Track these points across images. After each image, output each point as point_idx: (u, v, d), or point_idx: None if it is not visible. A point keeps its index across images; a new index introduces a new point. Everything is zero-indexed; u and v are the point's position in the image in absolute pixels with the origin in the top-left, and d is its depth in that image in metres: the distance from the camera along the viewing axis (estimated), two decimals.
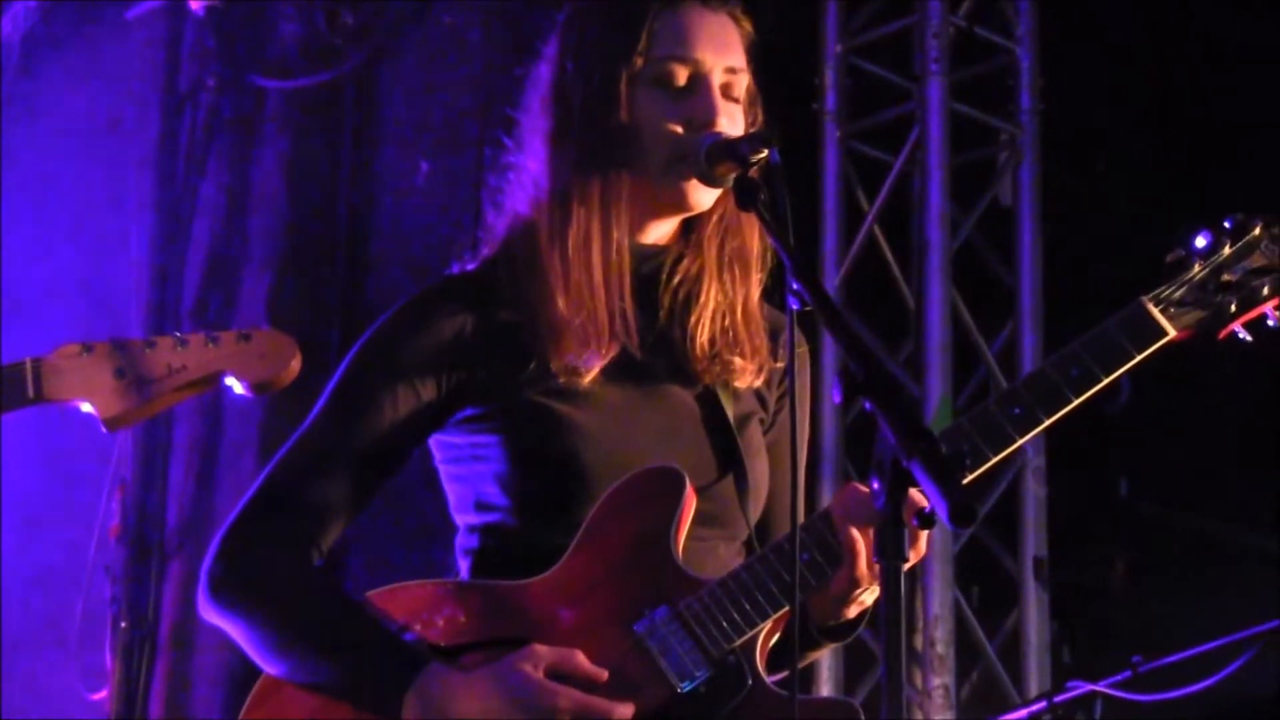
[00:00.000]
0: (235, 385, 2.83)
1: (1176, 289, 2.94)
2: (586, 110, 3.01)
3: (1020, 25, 6.74)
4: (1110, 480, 6.96)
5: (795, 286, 2.55)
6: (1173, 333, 2.92)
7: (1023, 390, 2.92)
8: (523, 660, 2.80)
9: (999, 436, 2.89)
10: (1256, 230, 2.96)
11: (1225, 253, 2.96)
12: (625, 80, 2.98)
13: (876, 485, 2.25)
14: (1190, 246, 2.97)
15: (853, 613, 2.96)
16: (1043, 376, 2.92)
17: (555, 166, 3.02)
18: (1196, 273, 2.95)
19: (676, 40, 3.00)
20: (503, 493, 3.00)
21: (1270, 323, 2.98)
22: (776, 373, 3.15)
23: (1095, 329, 2.93)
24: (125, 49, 7.10)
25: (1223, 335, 2.98)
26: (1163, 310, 2.92)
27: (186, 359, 2.80)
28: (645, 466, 2.93)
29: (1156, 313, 2.92)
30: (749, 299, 3.10)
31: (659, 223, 3.07)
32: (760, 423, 3.13)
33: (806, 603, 2.95)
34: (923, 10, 6.59)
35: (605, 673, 2.83)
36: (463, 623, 2.90)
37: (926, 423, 2.22)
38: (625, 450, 2.96)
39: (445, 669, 2.82)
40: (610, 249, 2.99)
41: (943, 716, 6.19)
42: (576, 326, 2.95)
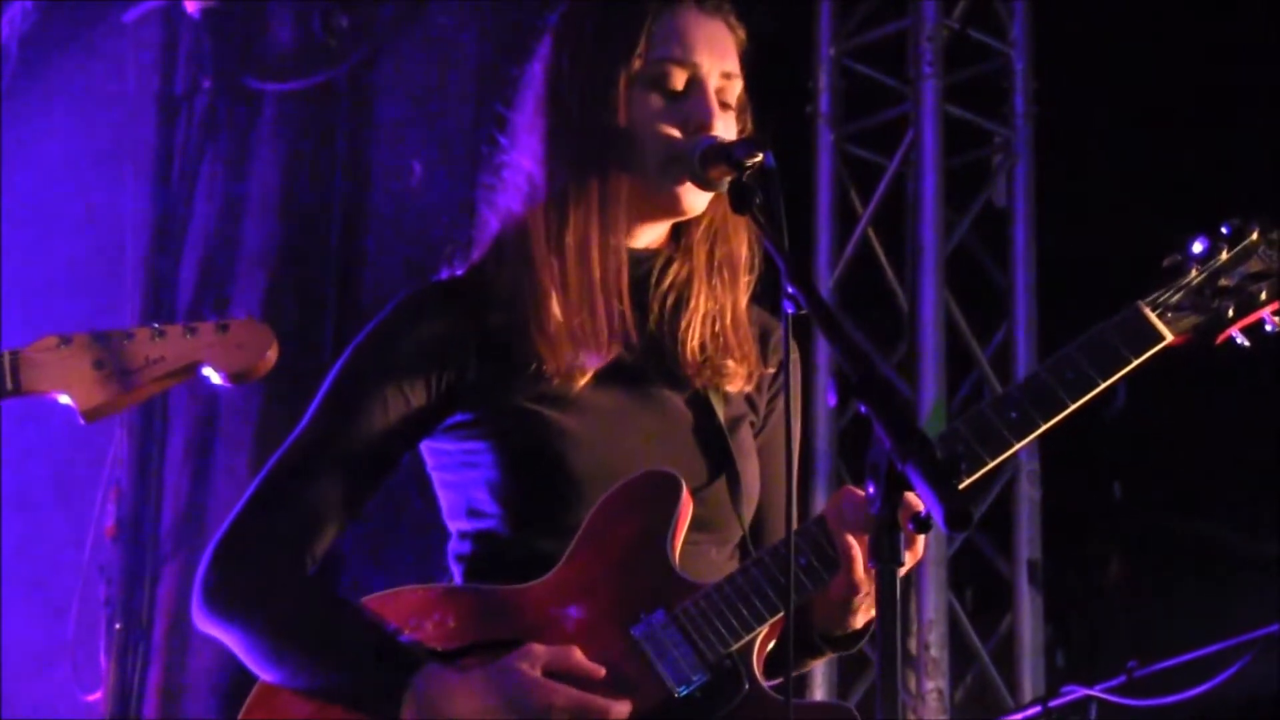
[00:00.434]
0: (213, 375, 2.82)
1: (1173, 294, 2.93)
2: (584, 110, 3.00)
3: (1014, 28, 6.73)
4: (1105, 484, 6.96)
5: (790, 290, 2.54)
6: (1170, 337, 2.91)
7: (1019, 394, 2.91)
8: (519, 659, 2.80)
9: (995, 441, 2.88)
10: (1254, 235, 2.96)
11: (1222, 258, 2.95)
12: (623, 81, 2.98)
13: (872, 489, 2.24)
14: (1187, 251, 2.96)
15: (859, 622, 2.95)
16: (1039, 381, 2.90)
17: (551, 166, 3.02)
18: (1193, 277, 2.94)
19: (674, 43, 3.00)
20: (494, 499, 2.99)
21: (1268, 328, 2.97)
22: (766, 376, 3.15)
23: (1091, 333, 2.92)
24: (121, 51, 7.10)
25: (1220, 340, 2.97)
26: (1160, 315, 2.91)
27: (165, 350, 2.80)
28: (642, 470, 2.93)
29: (1154, 317, 2.91)
30: (737, 304, 3.09)
31: (650, 226, 3.06)
32: (751, 425, 3.13)
33: (809, 609, 2.95)
34: (917, 13, 6.59)
35: (602, 670, 2.83)
36: (459, 626, 2.90)
37: (920, 426, 2.22)
38: (616, 456, 2.96)
39: (441, 670, 2.81)
40: (608, 251, 2.98)
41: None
42: (575, 328, 2.95)
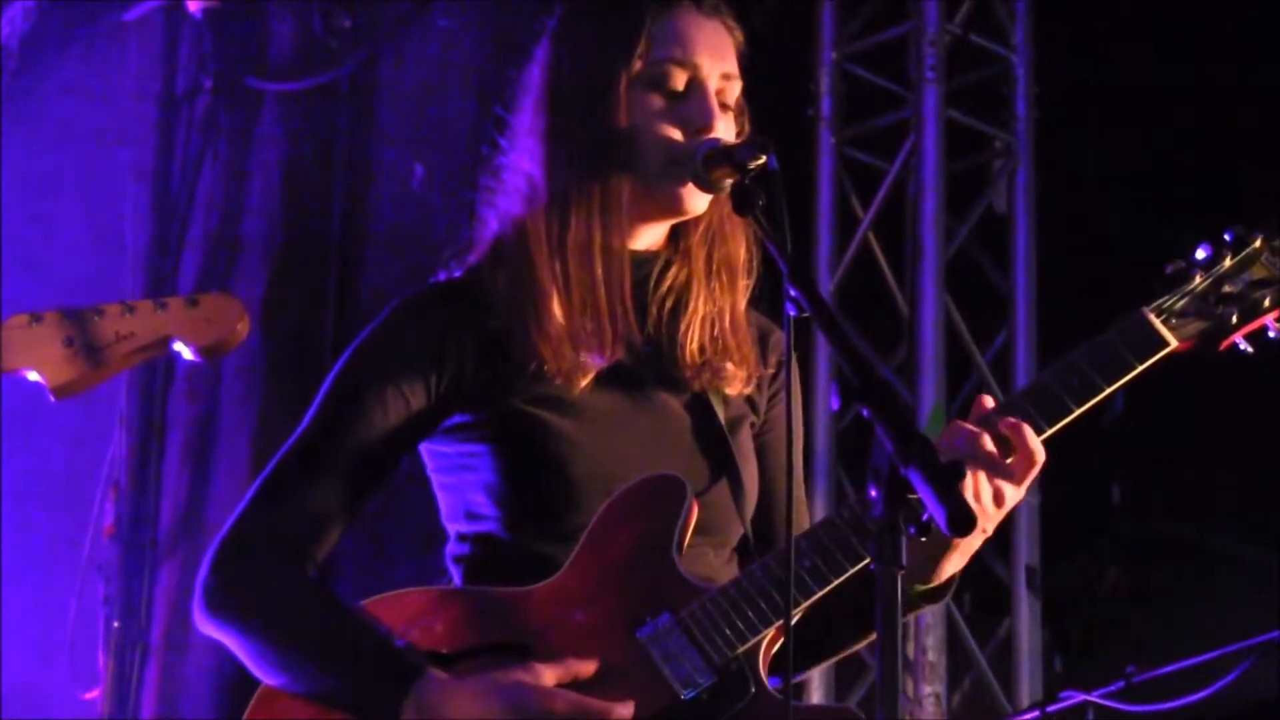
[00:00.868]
0: (184, 350, 2.81)
1: (1178, 300, 2.93)
2: (584, 112, 3.00)
3: (1016, 33, 6.75)
4: (1103, 489, 6.96)
5: (793, 293, 2.54)
6: (1174, 343, 2.90)
7: (1022, 400, 2.91)
8: (522, 672, 2.80)
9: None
10: (1257, 243, 2.95)
11: (1226, 264, 2.94)
12: (624, 82, 2.98)
13: (873, 493, 2.25)
14: (1191, 258, 2.96)
15: (946, 572, 2.92)
16: (1043, 386, 2.90)
17: (551, 168, 3.01)
18: (1198, 284, 2.94)
19: (674, 44, 2.99)
20: (492, 502, 2.98)
21: (1271, 334, 2.97)
22: (765, 378, 3.15)
23: (1096, 339, 2.91)
24: (123, 51, 7.10)
25: (1224, 347, 2.97)
26: (1164, 321, 2.91)
27: (135, 325, 2.79)
28: (648, 475, 2.92)
29: (1158, 323, 2.90)
30: (736, 306, 3.09)
31: (650, 228, 3.05)
32: (751, 427, 3.12)
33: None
34: (918, 17, 6.60)
35: (607, 679, 2.82)
36: (461, 630, 2.89)
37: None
38: (614, 459, 2.95)
39: (442, 676, 2.80)
40: (609, 253, 2.98)
41: None
42: (576, 330, 2.94)
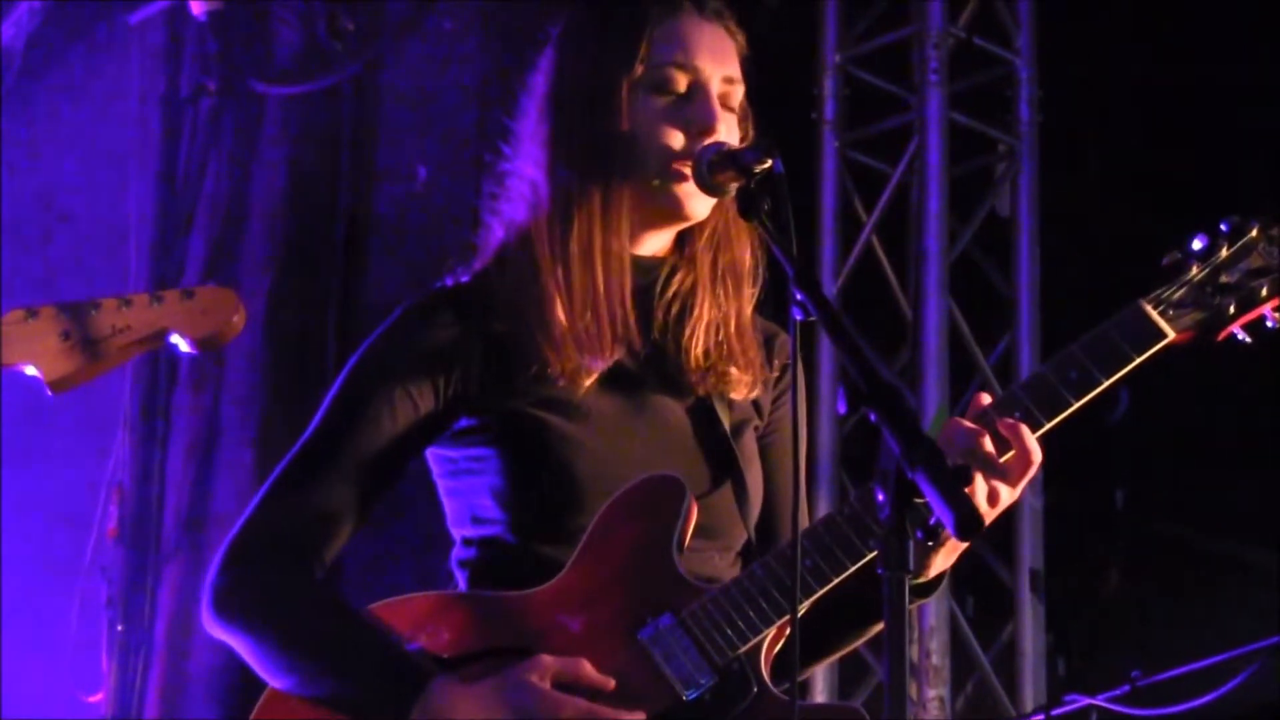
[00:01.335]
0: (180, 343, 2.80)
1: (1175, 291, 2.92)
2: (586, 116, 3.01)
3: (1019, 36, 6.75)
4: (1107, 492, 6.96)
5: (799, 297, 2.55)
6: (1172, 335, 2.89)
7: (1021, 394, 2.90)
8: (528, 671, 2.80)
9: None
10: (1254, 232, 2.94)
11: (1223, 254, 2.93)
12: (626, 86, 2.99)
13: (881, 496, 2.25)
14: (1187, 248, 2.95)
15: (936, 568, 2.92)
16: (1041, 380, 2.90)
17: (554, 173, 3.02)
18: (1194, 274, 2.93)
19: (676, 47, 3.01)
20: (497, 506, 2.99)
21: (1269, 324, 2.96)
22: (770, 381, 3.15)
23: (1094, 331, 2.91)
24: (127, 53, 7.10)
25: (1221, 337, 2.96)
26: (1161, 312, 2.90)
27: (131, 318, 2.78)
28: (646, 475, 2.93)
29: (1155, 315, 2.89)
30: (741, 312, 3.10)
31: (654, 234, 3.06)
32: (755, 430, 3.13)
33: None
34: (922, 21, 6.60)
35: (611, 681, 2.83)
36: (466, 634, 2.89)
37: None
38: (619, 462, 2.96)
39: (450, 681, 2.81)
40: (611, 257, 2.98)
41: None
42: (579, 332, 2.95)
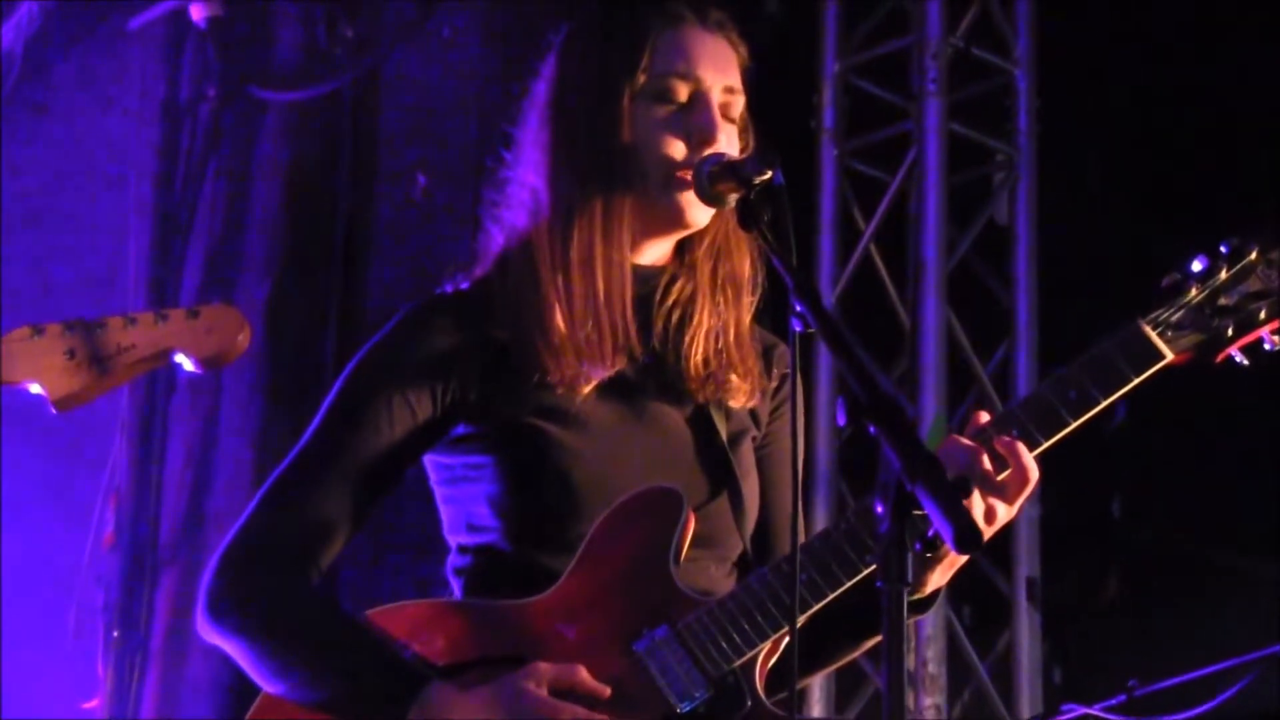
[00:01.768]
0: (185, 362, 2.80)
1: (1174, 312, 2.93)
2: (588, 125, 3.02)
3: (1018, 46, 6.75)
4: (1103, 501, 6.96)
5: (799, 308, 2.55)
6: (1170, 356, 2.91)
7: (1019, 413, 2.92)
8: (525, 678, 2.80)
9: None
10: (1253, 255, 2.95)
11: (1222, 276, 2.94)
12: (628, 95, 3.00)
13: (880, 509, 2.26)
14: (1187, 270, 2.96)
15: (933, 584, 2.93)
16: (1040, 399, 2.91)
17: (555, 181, 3.03)
18: (1193, 296, 2.94)
19: (678, 57, 3.02)
20: (494, 513, 2.99)
21: (1267, 346, 2.97)
22: (768, 391, 3.16)
23: (1092, 351, 2.92)
24: (126, 59, 7.10)
25: (1220, 359, 2.97)
26: (1160, 333, 2.91)
27: (136, 337, 2.79)
28: (645, 486, 2.93)
29: (1154, 336, 2.90)
30: (740, 321, 3.10)
31: (655, 243, 3.07)
32: (753, 440, 3.13)
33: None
34: (921, 30, 6.60)
35: (607, 689, 2.83)
36: (462, 641, 2.90)
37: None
38: (617, 471, 2.96)
39: (445, 687, 2.81)
40: (611, 265, 2.99)
41: None
42: (579, 340, 2.95)
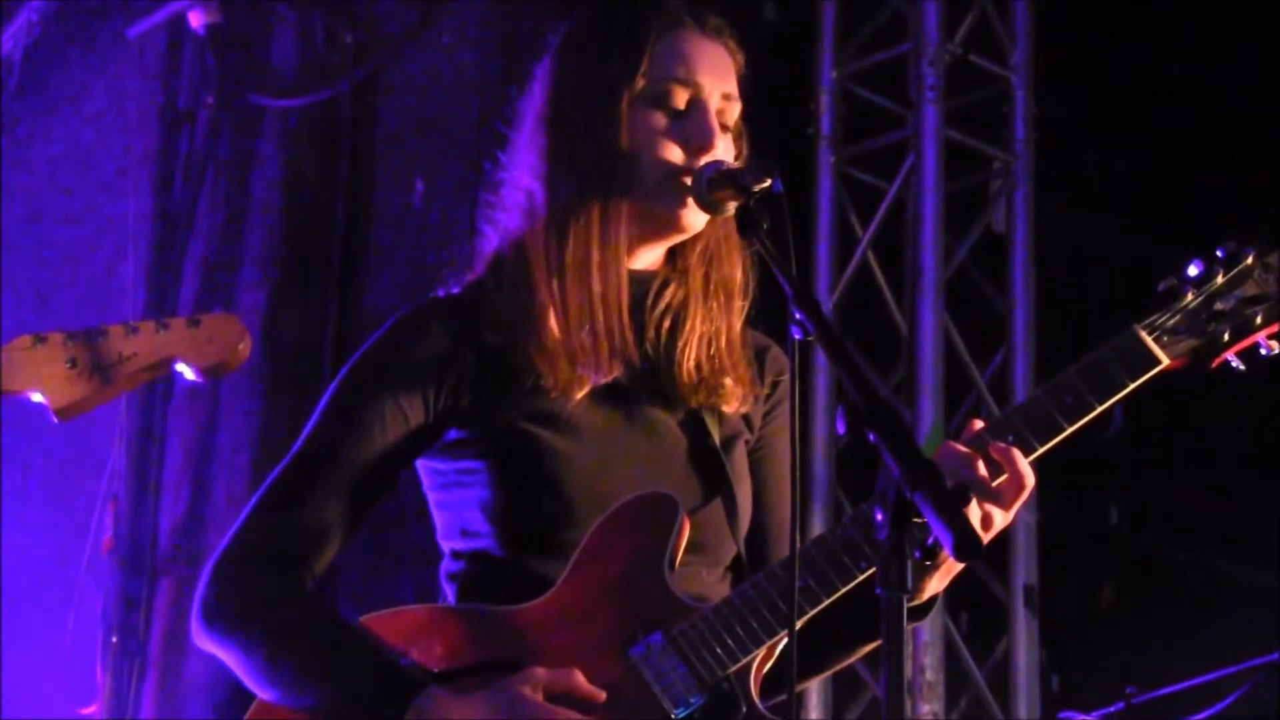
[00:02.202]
0: (186, 371, 2.80)
1: (1170, 317, 2.93)
2: (586, 128, 3.01)
3: (1015, 53, 6.75)
4: (1101, 508, 6.97)
5: (798, 316, 2.55)
6: (1166, 361, 2.90)
7: (1015, 418, 2.91)
8: (520, 682, 2.80)
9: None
10: (1249, 259, 2.95)
11: (1218, 281, 2.94)
12: (626, 100, 2.99)
13: (880, 517, 2.26)
14: (1183, 275, 2.96)
15: (930, 590, 2.91)
16: (1036, 404, 2.90)
17: (552, 184, 3.02)
18: (1189, 301, 2.94)
19: (677, 62, 3.01)
20: (487, 519, 2.98)
21: (1263, 352, 2.96)
22: (761, 396, 3.15)
23: (1088, 357, 2.91)
24: (125, 66, 7.11)
25: (1215, 364, 2.97)
26: (1156, 339, 2.91)
27: (137, 346, 2.79)
28: (640, 492, 2.93)
29: (1150, 341, 2.90)
30: (732, 326, 3.09)
31: (649, 248, 3.06)
32: (746, 444, 3.13)
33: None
34: (918, 37, 6.60)
35: (603, 694, 2.83)
36: (457, 647, 2.89)
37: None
38: (610, 476, 2.96)
39: (441, 692, 2.81)
40: (608, 270, 2.98)
41: None
42: (573, 346, 2.95)
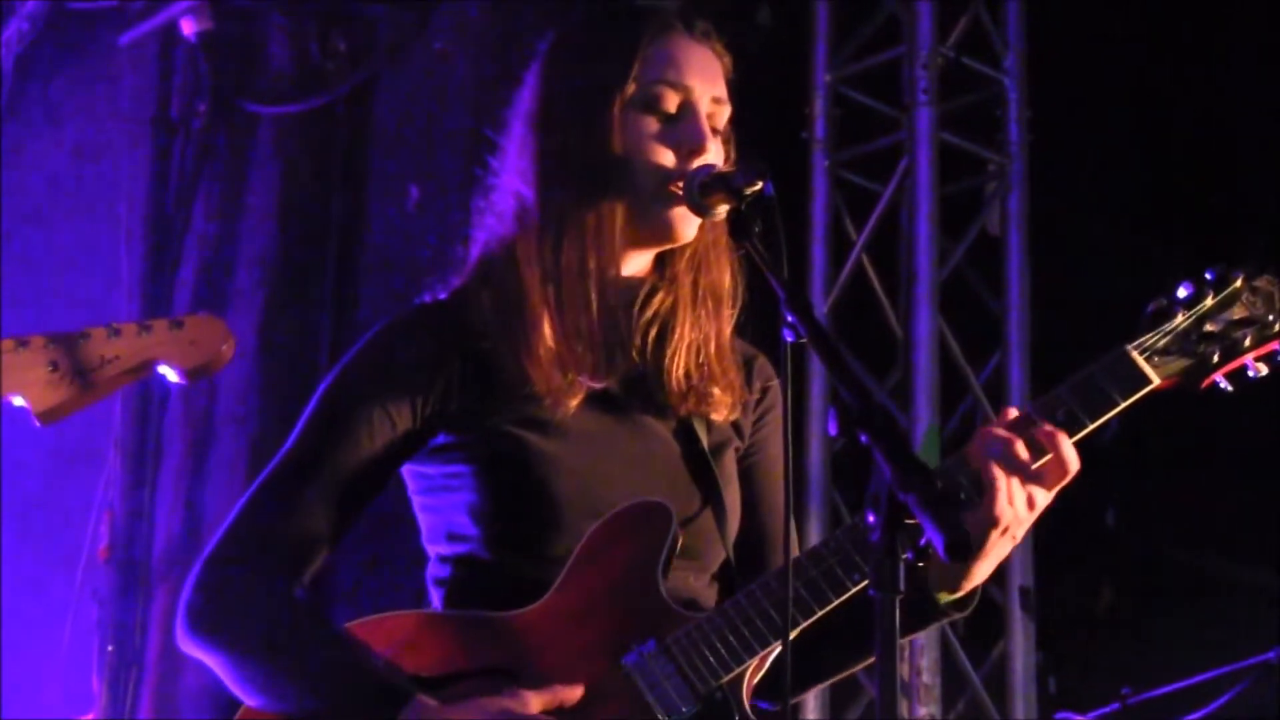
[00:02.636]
0: (169, 374, 2.79)
1: (1160, 338, 2.95)
2: (577, 133, 3.01)
3: (1008, 56, 6.75)
4: (1098, 510, 6.96)
5: (790, 319, 2.55)
6: (1157, 381, 2.93)
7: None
8: (510, 698, 2.79)
9: None
10: (1238, 282, 2.98)
11: (1208, 303, 2.97)
12: (618, 104, 2.99)
13: (872, 519, 2.26)
14: (1173, 296, 2.99)
15: (976, 578, 2.85)
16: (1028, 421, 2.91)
17: (543, 190, 3.02)
18: (1180, 322, 2.97)
19: (668, 66, 3.02)
20: (474, 523, 2.98)
21: (1251, 374, 3.00)
22: (750, 403, 3.15)
23: (1080, 374, 2.93)
24: (117, 74, 7.11)
25: (1204, 385, 3.00)
26: (1147, 359, 2.93)
27: (120, 348, 2.78)
28: (634, 501, 2.92)
29: (1141, 361, 2.92)
30: (721, 333, 3.09)
31: (637, 254, 3.06)
32: (736, 451, 3.13)
33: (926, 574, 2.88)
34: (911, 40, 6.60)
35: (594, 706, 2.82)
36: (449, 653, 2.88)
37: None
38: (598, 483, 2.96)
39: (429, 701, 2.79)
40: (600, 276, 2.98)
41: None
42: (564, 353, 2.95)
